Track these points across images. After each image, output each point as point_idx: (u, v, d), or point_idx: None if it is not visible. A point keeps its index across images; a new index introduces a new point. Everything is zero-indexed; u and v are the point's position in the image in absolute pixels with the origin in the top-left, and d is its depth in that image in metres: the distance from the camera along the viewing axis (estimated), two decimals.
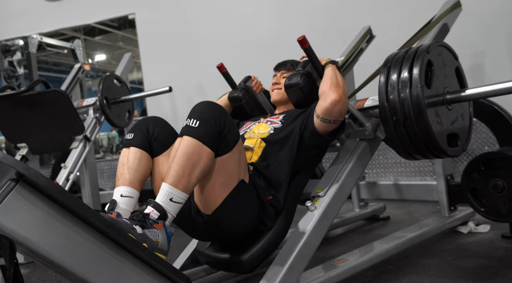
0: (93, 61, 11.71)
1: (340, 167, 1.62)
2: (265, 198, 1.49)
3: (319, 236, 1.46)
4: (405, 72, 1.46)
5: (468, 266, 1.70)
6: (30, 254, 1.00)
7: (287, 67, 1.87)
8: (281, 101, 1.83)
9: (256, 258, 1.45)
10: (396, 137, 1.50)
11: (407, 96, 1.43)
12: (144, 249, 1.07)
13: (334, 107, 1.49)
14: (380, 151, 3.32)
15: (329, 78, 1.57)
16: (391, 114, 1.47)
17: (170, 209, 1.22)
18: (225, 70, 2.02)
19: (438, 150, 1.48)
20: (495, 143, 2.65)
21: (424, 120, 1.41)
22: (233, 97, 1.95)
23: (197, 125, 1.27)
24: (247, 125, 1.79)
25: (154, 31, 4.51)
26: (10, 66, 5.40)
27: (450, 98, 1.54)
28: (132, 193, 1.37)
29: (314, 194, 1.55)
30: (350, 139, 1.72)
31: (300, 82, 1.67)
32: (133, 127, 1.50)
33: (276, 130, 1.64)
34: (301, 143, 1.59)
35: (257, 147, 1.61)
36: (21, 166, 0.87)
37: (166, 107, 4.48)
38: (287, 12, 3.86)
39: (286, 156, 1.57)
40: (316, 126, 1.55)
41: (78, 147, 2.79)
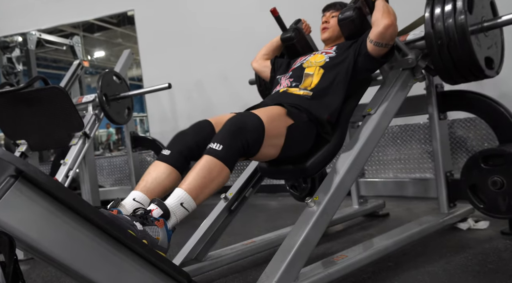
0: (92, 58, 11.69)
1: (386, 91, 1.84)
2: (324, 116, 1.67)
3: (318, 232, 1.47)
4: (449, 1, 1.73)
5: (467, 263, 1.71)
6: (29, 251, 1.00)
7: (336, 7, 2.06)
8: (331, 39, 2.02)
9: (318, 163, 1.65)
10: (440, 60, 1.77)
11: (452, 22, 1.69)
12: (144, 246, 1.07)
13: (387, 31, 1.70)
14: (380, 147, 3.33)
15: (381, 7, 1.76)
16: (436, 38, 1.73)
17: (177, 212, 1.23)
18: (278, 14, 2.19)
19: (478, 70, 1.75)
20: (494, 139, 2.65)
21: (468, 42, 1.67)
22: (286, 37, 2.14)
23: (221, 149, 1.32)
24: (302, 58, 1.96)
25: (153, 28, 4.50)
26: (9, 63, 5.39)
27: (487, 26, 1.80)
28: (145, 201, 1.35)
29: (365, 112, 1.77)
30: (394, 70, 1.95)
31: (353, 15, 1.87)
32: (171, 145, 1.50)
33: (332, 59, 1.84)
34: (356, 67, 1.78)
35: (316, 73, 1.80)
36: (20, 162, 0.87)
37: (166, 104, 4.48)
38: (288, 8, 3.85)
39: (342, 80, 1.76)
40: (370, 50, 1.76)
41: (78, 143, 2.79)
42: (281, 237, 2.01)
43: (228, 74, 4.16)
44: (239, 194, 1.88)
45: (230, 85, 4.15)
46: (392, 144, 3.30)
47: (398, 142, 3.27)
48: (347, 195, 1.62)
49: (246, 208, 1.93)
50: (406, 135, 3.23)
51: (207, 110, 4.26)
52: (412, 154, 3.20)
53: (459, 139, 2.99)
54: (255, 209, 3.30)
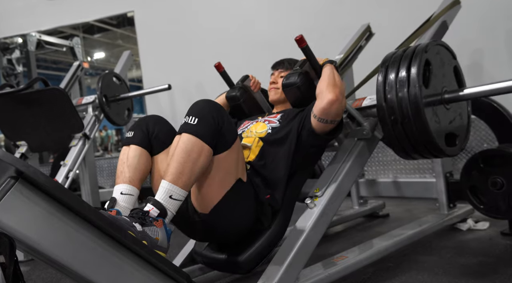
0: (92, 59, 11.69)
1: (338, 166, 1.62)
2: (263, 196, 1.48)
3: (318, 233, 1.47)
4: (403, 72, 1.45)
5: (467, 263, 1.71)
6: (30, 252, 1.00)
7: (284, 66, 1.88)
8: (278, 101, 1.84)
9: (254, 258, 1.44)
10: (394, 137, 1.50)
11: (405, 96, 1.42)
12: (143, 246, 1.07)
13: (331, 107, 1.49)
14: (379, 148, 3.32)
15: (327, 77, 1.57)
16: (389, 114, 1.46)
17: (169, 206, 1.22)
18: (223, 70, 2.02)
19: (436, 150, 1.48)
20: (494, 140, 2.65)
21: (422, 120, 1.40)
22: (230, 96, 1.95)
23: (196, 123, 1.27)
24: (245, 124, 1.79)
25: (153, 29, 4.50)
26: (9, 64, 5.39)
27: (448, 98, 1.53)
28: (132, 190, 1.37)
29: (312, 193, 1.55)
30: (348, 138, 1.72)
31: (298, 81, 1.66)
32: (133, 126, 1.50)
33: (274, 130, 1.64)
34: (299, 143, 1.59)
35: (254, 145, 1.61)
36: (20, 164, 0.87)
37: (165, 105, 4.48)
38: (287, 10, 3.85)
39: (283, 155, 1.57)
40: (314, 126, 1.55)
41: (78, 144, 2.79)
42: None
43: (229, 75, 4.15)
44: None
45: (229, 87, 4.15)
46: None
47: None
48: (347, 195, 1.62)
49: None
50: None
51: None
52: None
53: None
54: None
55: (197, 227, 1.44)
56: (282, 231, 1.53)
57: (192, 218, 1.41)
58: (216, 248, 1.54)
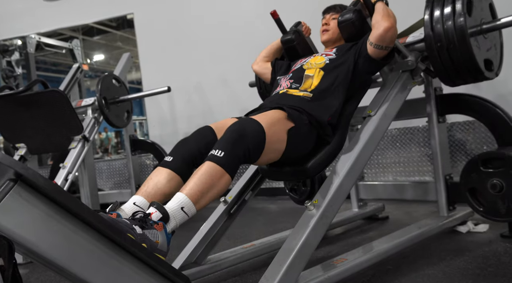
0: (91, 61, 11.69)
1: (386, 92, 1.85)
2: (324, 119, 1.67)
3: (318, 236, 1.46)
4: (449, 4, 1.75)
5: (467, 266, 1.71)
6: (28, 254, 0.99)
7: (336, 10, 2.06)
8: (331, 41, 2.02)
9: (318, 165, 1.65)
10: (440, 62, 1.78)
11: (451, 24, 1.70)
12: (143, 249, 1.07)
13: (386, 34, 1.71)
14: (379, 151, 3.33)
15: (381, 10, 1.78)
16: (436, 41, 1.74)
17: (177, 216, 1.23)
18: (278, 17, 2.21)
19: (477, 72, 1.76)
20: (493, 142, 2.65)
21: (467, 45, 1.68)
22: (286, 39, 2.14)
23: (222, 156, 1.33)
24: (302, 60, 1.96)
25: (152, 31, 4.51)
26: (8, 66, 5.39)
27: (486, 28, 1.82)
28: (145, 205, 1.35)
29: (365, 114, 1.78)
30: (394, 72, 1.96)
31: (353, 17, 1.88)
32: (173, 152, 1.51)
33: (332, 60, 1.85)
34: (356, 69, 1.79)
35: (316, 75, 1.81)
36: (19, 166, 0.87)
37: (165, 107, 4.48)
38: (287, 11, 3.85)
39: (342, 81, 1.77)
40: (370, 53, 1.77)
41: (77, 147, 2.79)
42: (281, 240, 2.00)
43: (228, 77, 4.16)
44: (238, 197, 1.87)
45: (229, 88, 4.15)
46: (392, 147, 3.30)
47: (397, 145, 3.27)
48: (346, 198, 1.62)
49: (246, 211, 1.93)
50: (406, 139, 3.23)
51: (206, 113, 4.26)
52: (412, 157, 3.21)
53: (458, 142, 3.00)
54: (255, 212, 3.30)
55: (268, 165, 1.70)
56: (340, 145, 1.74)
57: None
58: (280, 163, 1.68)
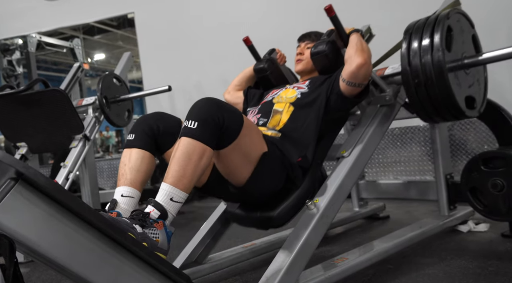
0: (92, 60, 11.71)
1: (362, 130, 1.73)
2: (294, 160, 1.57)
3: (318, 235, 1.46)
4: (427, 37, 1.58)
5: (468, 265, 1.70)
6: (29, 253, 1.00)
7: (311, 38, 1.97)
8: (305, 71, 1.93)
9: (286, 213, 1.54)
10: (417, 99, 1.62)
11: (429, 59, 1.55)
12: (143, 248, 1.07)
13: (359, 71, 1.59)
14: (380, 149, 3.32)
15: (355, 44, 1.66)
16: (413, 77, 1.59)
17: (170, 209, 1.22)
18: (251, 44, 2.14)
19: (457, 111, 1.60)
20: (494, 141, 2.65)
21: (445, 81, 1.53)
22: (258, 68, 2.06)
23: (196, 126, 1.26)
24: (274, 92, 1.89)
25: (153, 30, 4.51)
26: (9, 66, 5.39)
27: (468, 63, 1.66)
28: (133, 193, 1.37)
29: (339, 155, 1.66)
30: (371, 105, 1.84)
31: (326, 49, 1.77)
32: (134, 128, 1.49)
33: (303, 95, 1.75)
34: (328, 106, 1.69)
35: (285, 110, 1.71)
36: (20, 165, 0.87)
37: (166, 106, 4.48)
38: (286, 12, 3.86)
39: (313, 119, 1.67)
40: (342, 89, 1.65)
41: (78, 146, 2.79)
42: (281, 240, 2.01)
43: (228, 76, 4.13)
44: None
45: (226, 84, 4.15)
46: (392, 146, 3.30)
47: (398, 144, 3.27)
48: (347, 197, 1.62)
49: None
50: (406, 138, 3.23)
51: None
52: (412, 156, 3.20)
53: (459, 141, 2.99)
54: None
55: (232, 195, 1.56)
56: (311, 189, 1.61)
57: (225, 189, 1.52)
58: (249, 206, 1.62)
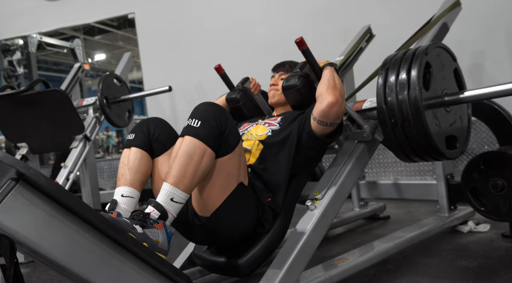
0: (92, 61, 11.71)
1: (338, 169, 1.61)
2: (264, 200, 1.48)
3: (319, 235, 1.46)
4: (403, 74, 1.44)
5: (468, 266, 1.71)
6: (30, 254, 1.00)
7: (285, 68, 1.87)
8: (278, 103, 1.83)
9: (253, 261, 1.44)
10: (394, 139, 1.49)
11: (405, 98, 1.42)
12: (144, 249, 1.07)
13: (330, 110, 1.48)
14: (380, 150, 3.32)
15: (327, 80, 1.56)
16: (389, 116, 1.46)
17: (170, 209, 1.22)
18: (223, 72, 2.02)
19: (436, 153, 1.47)
20: (495, 142, 2.65)
21: (422, 122, 1.40)
22: (230, 98, 1.95)
23: (199, 125, 1.26)
24: (245, 126, 1.78)
25: (153, 31, 4.50)
26: (10, 66, 5.40)
27: (448, 101, 1.52)
28: (133, 193, 1.37)
29: (312, 196, 1.53)
30: (349, 141, 1.71)
31: (298, 84, 1.66)
32: (134, 128, 1.49)
33: (274, 133, 1.64)
34: (299, 145, 1.58)
35: (254, 149, 1.60)
36: (21, 165, 0.87)
37: (166, 107, 4.48)
38: (287, 12, 3.85)
39: (284, 158, 1.56)
40: (313, 128, 1.55)
41: (78, 146, 2.79)
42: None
43: (229, 76, 4.15)
44: None
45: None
46: None
47: None
48: (347, 197, 1.62)
49: None
50: None
51: None
52: None
53: None
54: None
55: (198, 230, 1.43)
56: (282, 234, 1.52)
57: (192, 222, 1.41)
58: (216, 251, 1.53)
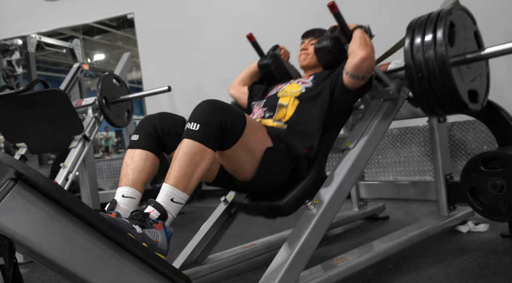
0: (92, 61, 11.71)
1: (366, 123, 1.76)
2: (300, 151, 1.61)
3: (318, 235, 1.46)
4: (430, 32, 1.62)
5: (467, 266, 1.71)
6: (29, 254, 0.99)
7: (314, 34, 2.01)
8: (309, 66, 1.97)
9: (293, 202, 1.57)
10: (421, 93, 1.66)
11: (432, 54, 1.59)
12: (143, 249, 1.07)
13: (363, 64, 1.63)
14: (380, 150, 3.33)
15: (358, 38, 1.71)
16: (417, 71, 1.63)
17: (170, 209, 1.22)
18: (254, 40, 2.19)
19: (460, 104, 1.64)
20: (494, 142, 2.65)
21: (448, 76, 1.57)
22: (263, 64, 2.09)
23: (198, 128, 1.28)
24: (278, 86, 1.92)
25: (153, 31, 4.51)
26: (9, 66, 5.39)
27: (470, 58, 1.70)
28: (134, 193, 1.37)
29: (344, 147, 1.69)
30: (375, 100, 1.86)
31: (330, 45, 1.81)
32: (138, 128, 1.49)
33: (308, 89, 1.78)
34: (332, 99, 1.71)
35: (291, 104, 1.75)
36: (20, 165, 0.87)
37: (165, 107, 4.48)
38: (286, 12, 3.86)
39: (318, 112, 1.69)
40: (346, 82, 1.69)
41: (77, 146, 2.79)
42: (281, 240, 2.01)
43: (228, 77, 4.13)
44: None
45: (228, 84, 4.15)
46: (392, 146, 3.30)
47: (397, 145, 3.27)
48: (347, 197, 1.62)
49: None
50: (406, 138, 3.23)
51: None
52: (412, 156, 3.21)
53: (458, 142, 3.00)
54: None
55: (237, 188, 1.65)
56: (318, 179, 1.64)
57: (231, 182, 1.57)
58: (256, 196, 1.65)
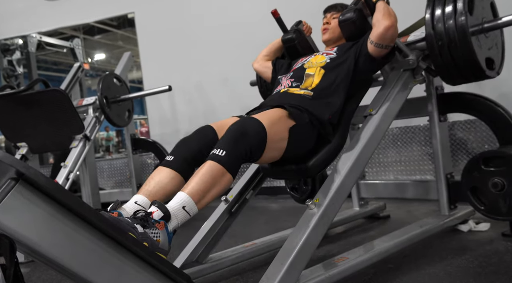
0: (92, 60, 11.70)
1: (387, 92, 1.85)
2: (325, 117, 1.69)
3: (319, 235, 1.46)
4: (450, 3, 1.75)
5: (468, 265, 1.70)
6: (30, 253, 1.00)
7: (337, 9, 2.08)
8: (332, 40, 2.03)
9: (320, 164, 1.68)
10: (441, 60, 1.78)
11: (452, 22, 1.72)
12: (144, 248, 1.07)
13: (387, 32, 1.73)
14: (380, 149, 3.33)
15: (382, 9, 1.79)
16: (437, 39, 1.75)
17: (179, 216, 1.23)
18: (278, 16, 2.22)
19: (479, 71, 1.76)
20: (495, 141, 2.65)
21: (468, 43, 1.68)
22: (287, 38, 2.17)
23: (223, 155, 1.34)
24: (303, 59, 1.98)
25: (153, 30, 4.51)
26: (10, 66, 5.40)
27: (488, 27, 1.82)
28: (147, 204, 1.35)
29: (366, 113, 1.78)
30: (395, 70, 1.96)
31: (354, 16, 1.89)
32: (174, 150, 1.51)
33: (332, 59, 1.86)
34: (356, 68, 1.80)
35: (317, 74, 1.82)
36: (21, 165, 0.87)
37: (166, 106, 4.49)
38: (286, 11, 3.84)
39: (343, 80, 1.78)
40: (370, 51, 1.78)
41: (78, 146, 2.79)
42: (282, 239, 2.01)
43: (229, 76, 4.16)
44: (239, 196, 1.88)
45: (230, 87, 4.16)
46: (393, 145, 3.30)
47: (398, 144, 3.27)
48: (347, 197, 1.62)
49: (247, 210, 1.93)
50: (407, 137, 3.23)
51: (207, 112, 4.26)
52: (413, 155, 3.20)
53: (459, 141, 2.99)
54: (256, 211, 3.30)
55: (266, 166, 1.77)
56: (342, 143, 1.75)
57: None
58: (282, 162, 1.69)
